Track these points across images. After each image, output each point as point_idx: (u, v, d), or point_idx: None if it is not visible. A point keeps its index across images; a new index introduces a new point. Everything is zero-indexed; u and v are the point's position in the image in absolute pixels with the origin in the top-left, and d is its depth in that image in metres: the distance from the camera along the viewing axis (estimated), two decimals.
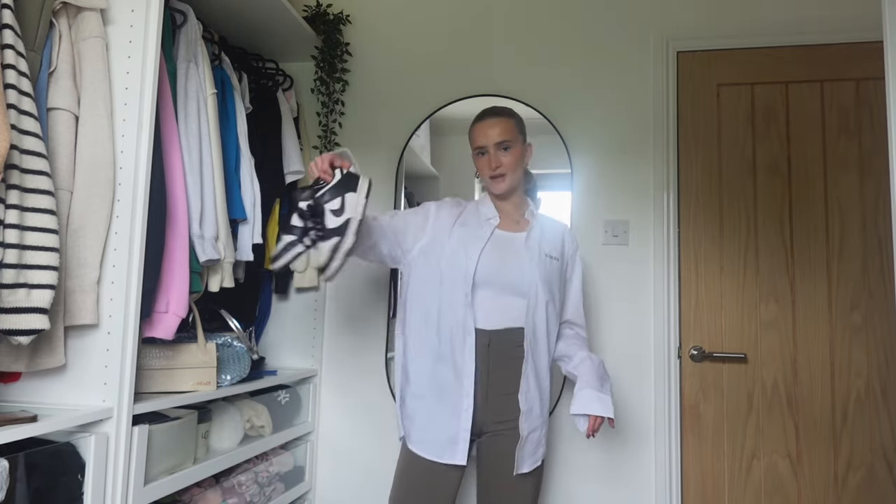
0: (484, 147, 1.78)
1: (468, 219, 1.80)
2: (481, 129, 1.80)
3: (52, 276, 1.27)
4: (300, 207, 1.48)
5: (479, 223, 1.80)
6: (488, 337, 1.70)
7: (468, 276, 1.69)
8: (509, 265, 1.73)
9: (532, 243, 1.78)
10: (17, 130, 1.23)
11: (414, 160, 2.52)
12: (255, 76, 2.28)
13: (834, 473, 2.12)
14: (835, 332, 2.16)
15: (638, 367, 2.25)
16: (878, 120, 2.19)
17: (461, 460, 1.66)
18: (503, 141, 1.77)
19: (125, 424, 1.42)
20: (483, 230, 1.77)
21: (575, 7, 2.44)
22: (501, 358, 1.71)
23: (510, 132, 1.79)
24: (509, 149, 1.78)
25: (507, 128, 1.79)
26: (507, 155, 1.78)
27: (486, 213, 1.82)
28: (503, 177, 1.78)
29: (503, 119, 1.80)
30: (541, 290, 1.73)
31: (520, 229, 1.82)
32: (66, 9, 1.43)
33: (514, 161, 1.78)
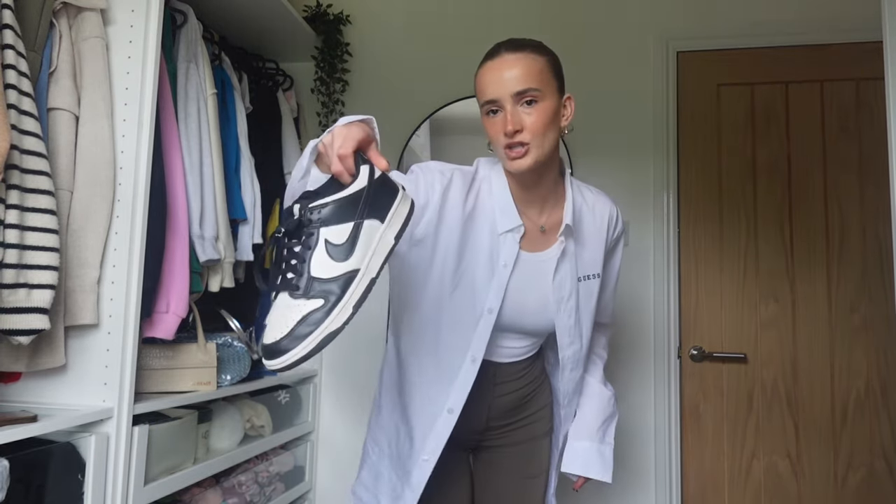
0: (496, 101, 1.16)
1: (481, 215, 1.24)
2: (492, 70, 1.17)
3: (52, 276, 1.27)
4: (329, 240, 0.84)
5: (494, 240, 1.23)
6: (494, 368, 1.33)
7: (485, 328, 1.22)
8: (535, 310, 1.27)
9: (564, 273, 1.26)
10: (18, 130, 1.23)
11: (414, 160, 2.52)
12: (256, 76, 2.28)
13: (834, 473, 2.12)
14: (835, 333, 2.16)
15: (638, 367, 2.25)
16: (878, 120, 2.19)
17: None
18: (526, 90, 1.14)
19: (125, 424, 1.42)
20: (506, 253, 1.22)
21: (575, 7, 2.44)
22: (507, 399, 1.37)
23: (538, 76, 1.16)
24: (535, 102, 1.15)
25: (532, 69, 1.15)
26: (534, 112, 1.15)
27: (505, 221, 1.22)
28: (526, 147, 1.16)
29: (527, 56, 1.16)
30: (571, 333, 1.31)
31: (546, 244, 1.26)
32: (67, 9, 1.43)
33: (543, 122, 1.16)
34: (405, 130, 2.50)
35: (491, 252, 1.23)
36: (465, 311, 1.22)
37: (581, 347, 1.35)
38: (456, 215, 1.22)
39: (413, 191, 1.16)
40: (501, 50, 1.19)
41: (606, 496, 2.22)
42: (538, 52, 1.20)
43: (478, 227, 1.24)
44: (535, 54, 1.19)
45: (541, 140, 1.17)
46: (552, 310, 1.27)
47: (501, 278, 1.22)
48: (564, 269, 1.28)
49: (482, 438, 1.40)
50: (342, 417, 2.45)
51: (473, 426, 1.34)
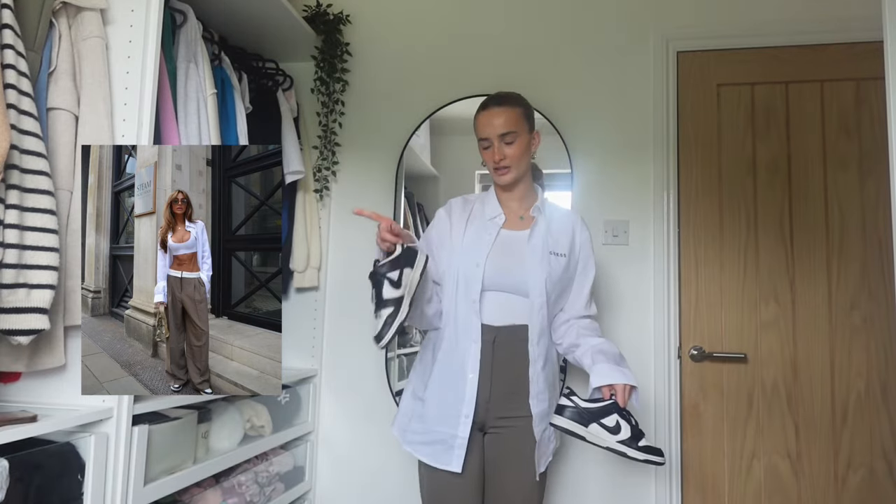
0: (488, 139, 1.76)
1: (476, 217, 1.80)
2: (485, 119, 1.76)
3: (52, 276, 1.27)
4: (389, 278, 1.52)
5: (484, 223, 1.78)
6: (494, 333, 1.70)
7: (476, 281, 1.70)
8: (513, 267, 1.72)
9: (535, 241, 1.75)
10: (17, 130, 1.23)
11: (414, 160, 2.52)
12: (255, 76, 2.28)
13: (834, 473, 2.12)
14: (835, 332, 2.16)
15: (638, 367, 2.25)
16: (878, 120, 2.19)
17: (456, 467, 1.66)
18: (507, 132, 1.73)
19: (125, 424, 1.42)
20: (489, 232, 1.76)
21: (575, 7, 2.44)
22: (507, 354, 1.71)
23: (514, 122, 1.75)
24: (514, 141, 1.74)
25: (511, 118, 1.74)
26: (512, 147, 1.74)
27: (491, 211, 1.80)
28: (507, 168, 1.75)
29: (507, 108, 1.76)
30: (544, 290, 1.71)
31: (524, 226, 1.79)
32: (66, 9, 1.43)
33: (518, 153, 1.75)
34: (405, 130, 2.50)
35: (480, 232, 1.78)
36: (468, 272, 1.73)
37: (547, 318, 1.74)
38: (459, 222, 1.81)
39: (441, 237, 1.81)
40: (491, 104, 1.78)
41: (606, 496, 2.22)
42: (515, 104, 1.78)
43: (474, 223, 1.80)
44: (513, 106, 1.77)
45: (517, 163, 1.76)
46: (529, 266, 1.72)
47: (486, 244, 1.75)
48: (537, 238, 1.76)
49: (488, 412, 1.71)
50: (342, 417, 2.45)
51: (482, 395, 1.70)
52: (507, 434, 1.71)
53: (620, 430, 1.53)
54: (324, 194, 2.50)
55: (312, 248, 2.45)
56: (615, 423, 1.54)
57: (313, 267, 2.45)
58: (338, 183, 2.55)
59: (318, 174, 2.49)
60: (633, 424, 1.55)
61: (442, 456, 1.68)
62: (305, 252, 2.42)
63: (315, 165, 2.50)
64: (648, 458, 1.53)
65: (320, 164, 2.49)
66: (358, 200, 2.54)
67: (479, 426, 1.71)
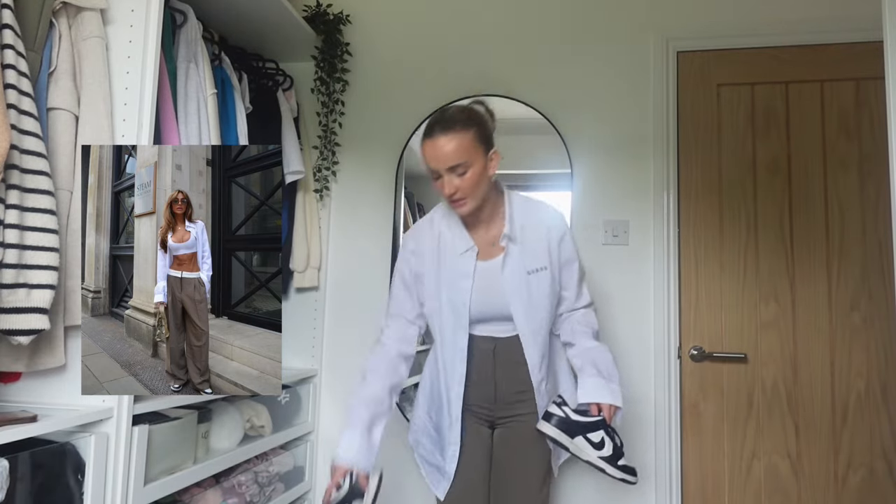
0: (437, 171, 1.54)
1: (446, 251, 1.67)
2: (431, 149, 1.53)
3: (52, 276, 1.27)
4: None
5: (457, 256, 1.65)
6: (493, 343, 1.68)
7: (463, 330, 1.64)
8: (492, 300, 1.64)
9: (509, 270, 1.63)
10: (17, 130, 1.23)
11: (414, 160, 2.52)
12: (255, 76, 2.28)
13: (834, 473, 2.12)
14: (835, 333, 2.16)
15: (638, 367, 2.25)
16: (878, 120, 2.19)
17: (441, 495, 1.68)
18: (457, 165, 1.51)
19: (125, 424, 1.42)
20: (465, 265, 1.64)
21: (575, 7, 2.44)
22: (508, 358, 1.68)
23: (466, 150, 1.51)
24: (467, 172, 1.53)
25: (462, 146, 1.51)
26: (465, 177, 1.53)
27: (461, 244, 1.65)
28: (464, 200, 1.56)
29: (456, 136, 1.51)
30: (525, 316, 1.64)
31: (496, 253, 1.66)
32: (66, 9, 1.43)
33: (473, 182, 1.53)
34: (405, 130, 2.50)
35: (457, 269, 1.64)
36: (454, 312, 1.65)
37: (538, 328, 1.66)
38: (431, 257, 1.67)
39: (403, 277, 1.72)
40: (436, 131, 1.52)
41: (607, 495, 2.22)
42: (466, 127, 1.53)
43: (446, 253, 1.66)
44: (464, 130, 1.52)
45: (473, 192, 1.56)
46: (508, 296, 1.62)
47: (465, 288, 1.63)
48: (510, 267, 1.63)
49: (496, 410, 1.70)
50: (342, 417, 2.45)
51: (487, 397, 1.69)
52: (517, 428, 1.70)
53: (604, 446, 1.55)
54: (324, 194, 2.50)
55: (312, 248, 2.45)
56: (600, 439, 1.55)
57: (313, 267, 2.45)
58: (338, 183, 2.56)
59: (318, 174, 2.49)
60: (616, 444, 1.57)
61: (435, 481, 1.70)
62: (305, 252, 2.42)
63: (315, 165, 2.50)
64: (624, 478, 1.56)
65: (320, 164, 2.49)
66: (358, 200, 2.54)
67: (488, 424, 1.72)
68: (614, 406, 1.59)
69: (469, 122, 1.55)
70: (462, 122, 1.53)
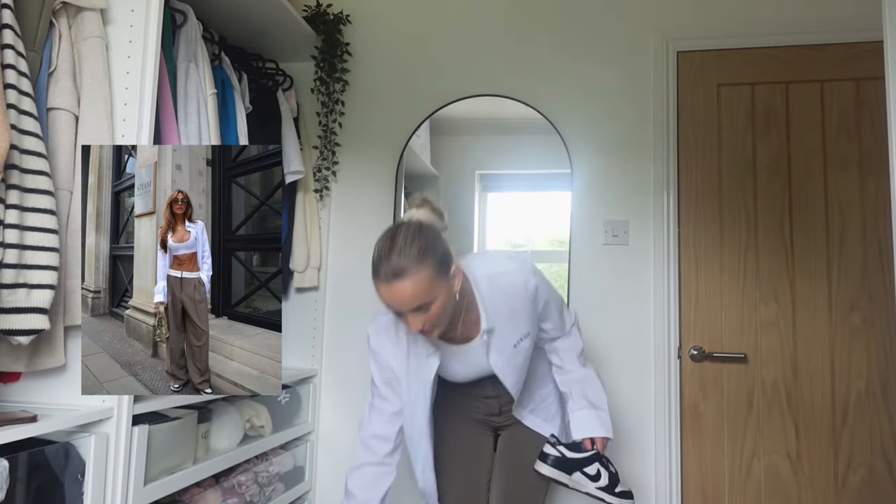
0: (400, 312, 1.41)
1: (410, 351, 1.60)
2: (387, 293, 1.36)
3: (52, 276, 1.27)
4: None
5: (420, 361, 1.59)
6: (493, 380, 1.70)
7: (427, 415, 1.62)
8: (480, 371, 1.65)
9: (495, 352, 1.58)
10: (17, 130, 1.23)
11: (414, 160, 2.52)
12: (255, 76, 2.28)
13: (834, 473, 2.12)
14: (835, 332, 2.16)
15: (638, 367, 2.25)
16: (878, 120, 2.19)
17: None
18: (419, 306, 1.37)
19: (125, 424, 1.42)
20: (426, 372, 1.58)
21: (575, 7, 2.44)
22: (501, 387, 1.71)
23: (427, 289, 1.35)
24: (430, 307, 1.38)
25: (420, 287, 1.34)
26: (430, 314, 1.39)
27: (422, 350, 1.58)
28: (434, 328, 1.43)
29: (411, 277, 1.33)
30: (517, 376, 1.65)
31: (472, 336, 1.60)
32: (66, 9, 1.43)
33: (439, 313, 1.40)
34: (405, 130, 2.50)
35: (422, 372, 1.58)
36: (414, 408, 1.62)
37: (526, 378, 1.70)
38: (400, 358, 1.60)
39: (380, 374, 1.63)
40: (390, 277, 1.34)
41: None
42: (419, 267, 1.34)
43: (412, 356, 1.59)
44: (419, 268, 1.34)
45: (440, 321, 1.43)
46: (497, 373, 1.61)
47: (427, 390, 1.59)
48: (494, 350, 1.58)
49: (500, 420, 1.79)
50: (342, 417, 2.45)
51: (492, 411, 1.78)
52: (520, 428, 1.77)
53: (601, 477, 1.63)
54: (324, 194, 2.50)
55: (312, 248, 2.45)
56: (596, 471, 1.63)
57: (313, 267, 2.45)
58: (338, 183, 2.56)
59: (318, 174, 2.49)
60: (611, 472, 1.64)
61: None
62: (305, 252, 2.42)
63: (315, 165, 2.50)
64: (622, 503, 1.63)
65: (320, 164, 2.49)
66: (358, 200, 2.54)
67: (492, 430, 1.81)
68: (603, 438, 1.65)
69: (423, 258, 1.36)
70: (415, 261, 1.34)
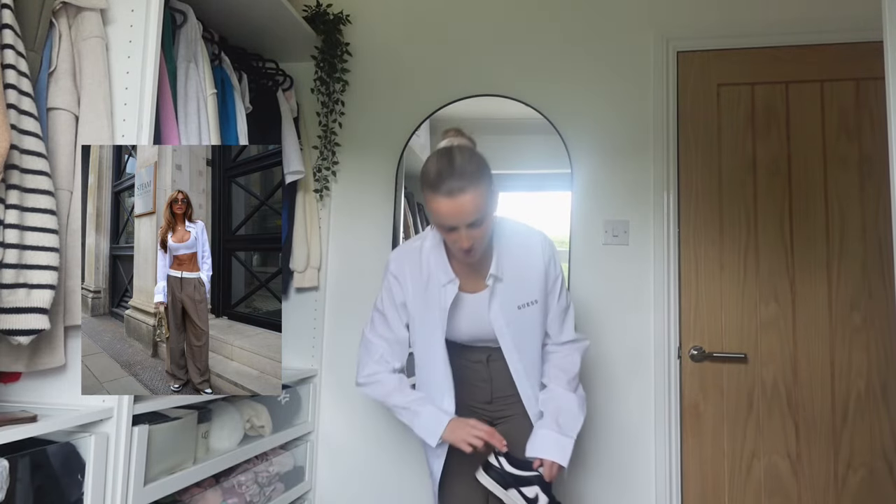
0: (455, 227, 1.50)
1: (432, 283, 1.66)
2: (448, 207, 1.46)
3: (52, 276, 1.27)
4: None
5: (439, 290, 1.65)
6: (487, 352, 1.74)
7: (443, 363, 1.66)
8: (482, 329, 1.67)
9: (497, 306, 1.65)
10: (17, 130, 1.23)
11: (414, 160, 2.52)
12: (255, 76, 2.28)
13: (834, 473, 2.12)
14: (835, 332, 2.16)
15: (638, 367, 2.25)
16: (878, 120, 2.19)
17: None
18: (474, 221, 1.48)
19: (125, 424, 1.42)
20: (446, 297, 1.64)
21: (575, 7, 2.44)
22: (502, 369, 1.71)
23: (483, 205, 1.48)
24: (483, 223, 1.50)
25: (480, 202, 1.47)
26: (481, 230, 1.51)
27: (441, 277, 1.65)
28: (476, 251, 1.55)
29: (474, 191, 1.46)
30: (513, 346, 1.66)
31: (482, 287, 1.66)
32: (66, 9, 1.43)
33: (487, 230, 1.53)
34: (405, 130, 2.50)
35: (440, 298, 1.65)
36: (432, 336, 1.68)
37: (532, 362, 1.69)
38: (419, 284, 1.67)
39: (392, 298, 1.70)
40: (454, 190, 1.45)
41: (607, 495, 2.22)
42: (477, 182, 1.47)
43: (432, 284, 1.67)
44: (478, 185, 1.47)
45: (484, 241, 1.55)
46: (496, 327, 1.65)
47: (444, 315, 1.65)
48: (497, 304, 1.64)
49: (493, 410, 1.76)
50: (342, 417, 2.45)
51: (484, 397, 1.76)
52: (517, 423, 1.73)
53: (537, 502, 1.56)
54: (324, 194, 2.50)
55: (312, 248, 2.45)
56: (534, 495, 1.56)
57: (313, 267, 2.44)
58: (338, 183, 2.56)
59: (318, 174, 2.49)
60: (550, 500, 1.57)
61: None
62: (305, 252, 2.42)
63: (315, 165, 2.50)
64: None
65: (320, 164, 2.49)
66: (358, 200, 2.54)
67: (488, 421, 1.75)
68: (557, 465, 1.59)
69: (481, 176, 1.49)
70: (475, 175, 1.47)
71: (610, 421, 2.25)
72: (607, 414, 2.25)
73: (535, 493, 1.56)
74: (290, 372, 2.33)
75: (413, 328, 1.71)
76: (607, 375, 2.26)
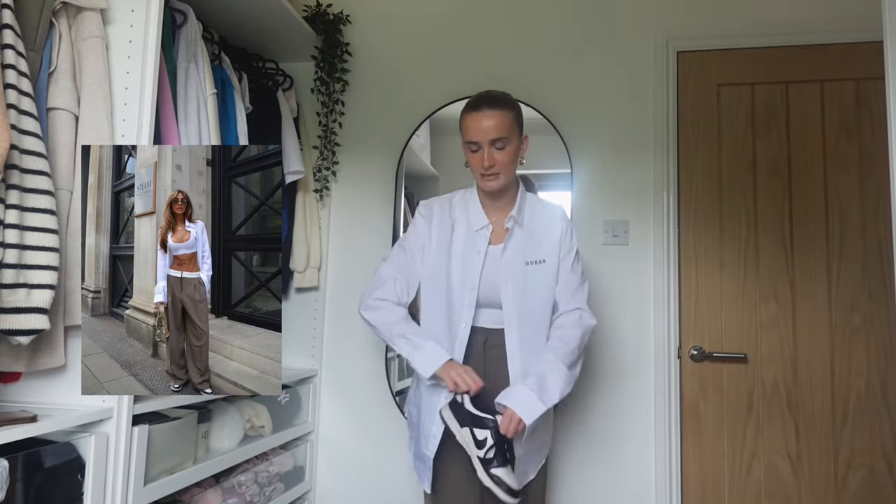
0: (477, 143, 1.65)
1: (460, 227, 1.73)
2: (475, 121, 1.64)
3: (52, 276, 1.27)
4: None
5: (470, 235, 1.71)
6: (486, 334, 1.71)
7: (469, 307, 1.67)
8: (492, 283, 1.69)
9: (508, 255, 1.70)
10: (17, 130, 1.23)
11: (414, 160, 2.52)
12: (255, 76, 2.28)
13: (834, 473, 2.12)
14: (835, 332, 2.16)
15: (638, 367, 2.25)
16: (878, 120, 2.19)
17: (427, 487, 1.68)
18: (499, 138, 1.63)
19: (125, 424, 1.42)
20: (478, 249, 1.70)
21: (575, 7, 2.44)
22: (498, 353, 1.69)
23: (507, 127, 1.64)
24: (505, 147, 1.64)
25: (503, 122, 1.63)
26: (503, 153, 1.64)
27: (476, 221, 1.73)
28: (497, 175, 1.66)
29: (501, 112, 1.64)
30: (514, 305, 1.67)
31: (501, 239, 1.72)
32: (66, 9, 1.43)
33: (509, 159, 1.65)
34: (405, 130, 2.50)
35: (467, 246, 1.71)
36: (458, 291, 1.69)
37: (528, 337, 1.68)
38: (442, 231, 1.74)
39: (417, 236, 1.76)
40: (483, 105, 1.64)
41: (607, 495, 2.22)
42: (508, 108, 1.66)
43: (459, 231, 1.73)
44: (506, 110, 1.65)
45: (506, 170, 1.67)
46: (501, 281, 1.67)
47: (477, 264, 1.69)
48: (510, 252, 1.69)
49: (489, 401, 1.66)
50: (342, 417, 2.45)
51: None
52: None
53: (485, 446, 1.51)
54: (324, 194, 2.50)
55: (312, 248, 2.45)
56: (484, 438, 1.52)
57: (313, 267, 2.44)
58: (338, 183, 2.55)
59: (318, 174, 2.49)
60: (501, 452, 1.51)
61: (422, 474, 1.71)
62: (305, 252, 2.42)
63: (315, 165, 2.50)
64: (492, 488, 1.50)
65: (320, 164, 2.49)
66: (358, 200, 2.54)
67: None
68: (519, 418, 1.53)
69: (511, 104, 1.68)
70: (506, 103, 1.67)
71: (610, 421, 2.25)
72: (607, 413, 2.25)
73: (485, 436, 1.52)
74: (290, 372, 2.33)
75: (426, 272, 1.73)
76: (607, 375, 2.26)
